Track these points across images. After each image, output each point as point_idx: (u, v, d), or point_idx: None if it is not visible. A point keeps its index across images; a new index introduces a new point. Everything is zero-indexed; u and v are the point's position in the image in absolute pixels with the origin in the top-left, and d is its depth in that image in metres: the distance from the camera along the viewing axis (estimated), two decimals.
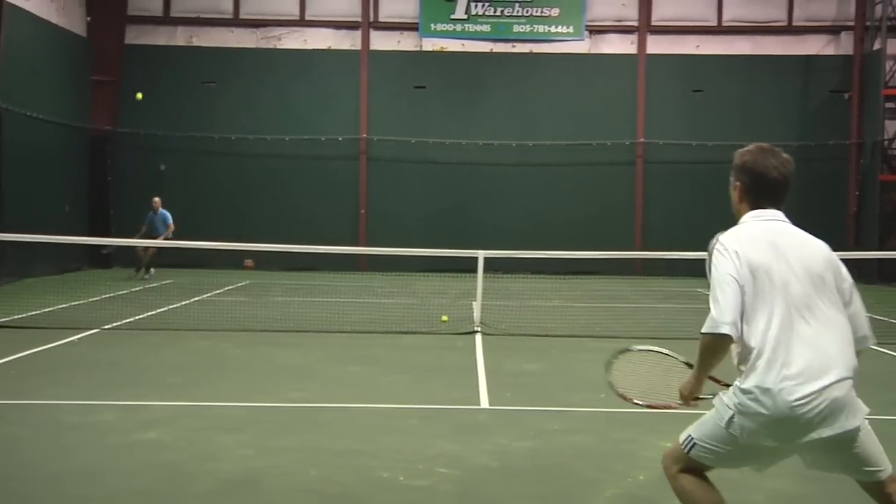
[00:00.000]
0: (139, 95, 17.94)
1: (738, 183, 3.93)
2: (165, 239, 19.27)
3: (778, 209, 3.89)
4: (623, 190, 24.46)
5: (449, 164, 24.30)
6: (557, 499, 5.47)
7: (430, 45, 24.60)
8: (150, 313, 14.06)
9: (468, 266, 14.54)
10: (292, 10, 24.47)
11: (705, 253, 3.83)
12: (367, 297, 17.06)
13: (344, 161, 24.36)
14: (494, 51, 24.59)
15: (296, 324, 13.07)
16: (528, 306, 15.94)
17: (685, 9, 24.62)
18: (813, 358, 3.58)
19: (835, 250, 3.87)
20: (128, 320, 13.13)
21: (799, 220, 3.85)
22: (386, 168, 24.39)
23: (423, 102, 24.46)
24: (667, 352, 4.30)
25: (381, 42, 24.55)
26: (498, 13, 24.33)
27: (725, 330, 3.60)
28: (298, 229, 22.64)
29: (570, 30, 24.39)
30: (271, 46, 24.48)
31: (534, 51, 24.61)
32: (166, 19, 24.28)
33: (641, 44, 24.55)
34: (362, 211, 24.33)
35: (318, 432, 6.97)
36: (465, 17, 24.32)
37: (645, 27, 24.55)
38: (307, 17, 24.50)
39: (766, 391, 3.58)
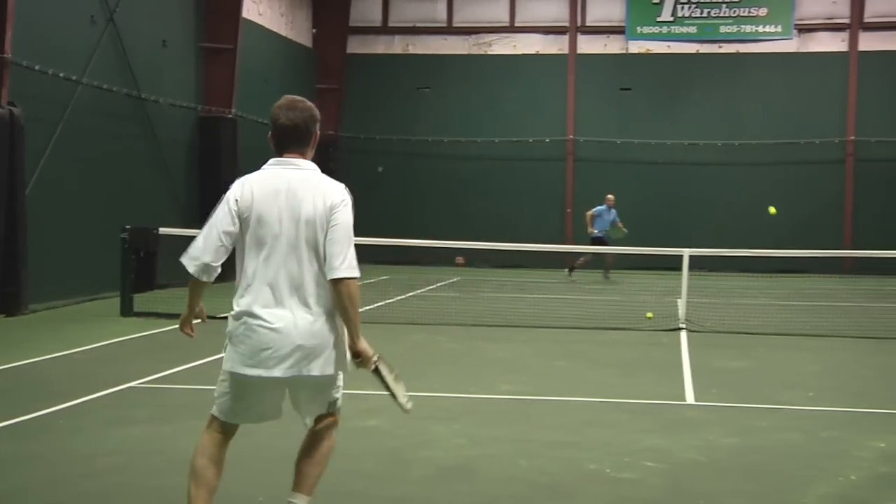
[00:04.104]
0: None
1: (270, 132, 4.27)
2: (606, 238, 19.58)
3: (299, 154, 4.20)
4: (831, 188, 23.62)
5: (654, 164, 24.10)
6: (767, 496, 5.44)
7: (636, 47, 24.50)
8: (368, 307, 14.50)
9: (673, 264, 14.50)
10: (502, 17, 25.01)
11: None
12: (573, 294, 17.20)
13: (551, 162, 24.66)
14: (700, 52, 24.22)
15: (505, 319, 13.31)
16: (734, 304, 15.67)
17: None
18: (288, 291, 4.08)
19: None
20: None
21: None
22: (592, 168, 24.48)
23: (629, 104, 24.38)
24: None
25: (588, 46, 24.68)
26: (704, 14, 23.93)
27: (193, 270, 4.08)
28: (507, 228, 23.15)
29: (779, 29, 23.66)
30: (482, 52, 25.12)
31: (740, 51, 24.06)
32: (385, 29, 25.40)
33: (853, 41, 23.54)
34: (568, 210, 24.54)
35: (528, 424, 7.14)
36: (672, 19, 24.06)
37: (857, 24, 23.52)
38: (517, 24, 24.98)
39: (251, 316, 4.05)
